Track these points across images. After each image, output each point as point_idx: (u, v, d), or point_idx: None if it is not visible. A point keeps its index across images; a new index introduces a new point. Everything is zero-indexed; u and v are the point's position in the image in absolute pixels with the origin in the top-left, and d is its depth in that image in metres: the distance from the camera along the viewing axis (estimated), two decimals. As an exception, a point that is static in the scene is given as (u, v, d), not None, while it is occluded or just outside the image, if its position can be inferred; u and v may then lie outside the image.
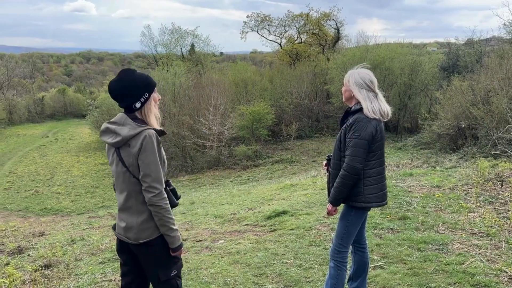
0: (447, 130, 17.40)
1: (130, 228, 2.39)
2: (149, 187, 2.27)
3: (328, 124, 29.12)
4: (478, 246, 3.93)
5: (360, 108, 2.79)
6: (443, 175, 8.57)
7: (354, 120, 2.77)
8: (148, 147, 2.27)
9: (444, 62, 28.13)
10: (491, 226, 4.53)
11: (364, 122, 2.73)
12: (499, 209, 5.29)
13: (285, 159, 21.82)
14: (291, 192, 9.06)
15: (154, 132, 2.33)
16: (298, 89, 29.70)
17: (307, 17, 37.96)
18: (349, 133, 2.75)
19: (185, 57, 38.86)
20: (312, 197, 7.50)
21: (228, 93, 26.70)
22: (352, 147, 2.72)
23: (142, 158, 2.27)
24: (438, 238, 4.20)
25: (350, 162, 2.72)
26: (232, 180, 18.93)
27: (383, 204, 2.92)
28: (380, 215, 5.52)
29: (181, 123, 24.11)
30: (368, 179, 2.81)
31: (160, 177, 2.30)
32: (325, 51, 36.55)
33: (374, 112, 2.77)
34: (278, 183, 14.47)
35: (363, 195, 2.81)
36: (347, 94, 2.90)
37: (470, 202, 5.76)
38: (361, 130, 2.72)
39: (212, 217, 7.30)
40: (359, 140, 2.71)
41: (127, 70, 2.40)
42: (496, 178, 7.12)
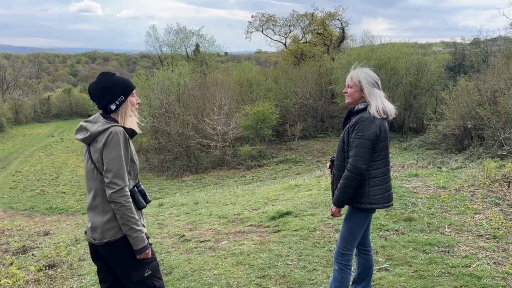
0: (453, 130, 17.27)
1: (95, 228, 2.36)
2: (110, 183, 2.24)
3: (333, 124, 29.02)
4: (484, 248, 3.88)
5: (364, 107, 2.75)
6: (449, 176, 8.49)
7: (357, 120, 2.72)
8: (112, 142, 2.26)
9: (450, 62, 27.96)
10: (498, 228, 4.47)
11: (368, 122, 2.69)
12: (506, 210, 5.22)
13: (290, 159, 21.78)
14: (296, 193, 9.02)
15: (122, 129, 2.33)
16: (302, 89, 29.63)
17: (312, 17, 37.86)
18: (353, 133, 2.71)
19: (190, 57, 38.89)
20: (316, 197, 7.46)
21: (232, 93, 26.69)
22: (355, 148, 2.68)
23: (105, 153, 2.26)
24: (444, 240, 4.15)
25: (354, 163, 2.68)
26: (236, 180, 18.92)
27: (389, 205, 2.86)
28: (385, 216, 5.47)
29: (186, 123, 24.13)
30: (373, 180, 2.76)
31: (122, 173, 2.26)
32: (330, 51, 36.44)
33: (383, 111, 2.74)
34: (283, 183, 14.42)
35: (368, 196, 2.76)
36: (357, 96, 2.82)
37: (476, 203, 5.69)
38: (364, 130, 2.67)
39: (216, 217, 7.28)
40: (362, 140, 2.67)
41: (106, 73, 2.45)
42: (503, 179, 7.04)
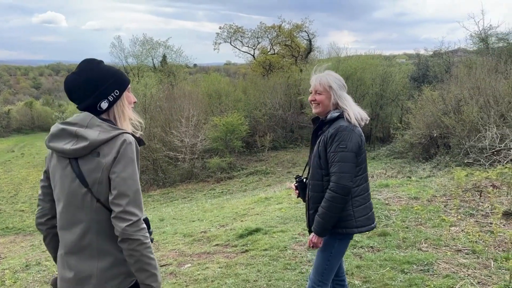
0: (419, 139, 17.47)
1: (87, 279, 1.68)
2: (123, 213, 1.60)
3: (302, 135, 29.02)
4: (465, 265, 3.64)
5: (339, 115, 2.41)
6: (419, 186, 8.37)
7: (336, 130, 2.34)
8: (127, 156, 1.65)
9: (414, 72, 28.63)
10: (475, 241, 4.27)
11: (349, 131, 2.32)
12: (481, 221, 5.06)
13: (260, 170, 21.47)
14: (265, 206, 8.67)
15: (132, 137, 1.72)
16: (272, 100, 29.55)
17: (279, 28, 38.11)
18: (332, 145, 2.32)
19: (157, 68, 38.18)
20: (287, 211, 7.14)
21: (201, 104, 26.25)
22: (339, 163, 2.30)
23: (117, 170, 1.63)
24: (422, 257, 3.89)
25: (339, 181, 2.28)
26: (205, 193, 18.40)
27: (374, 226, 2.51)
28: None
29: (152, 135, 23.44)
30: (357, 199, 2.40)
31: (139, 199, 1.67)
32: (298, 62, 36.68)
33: (361, 118, 2.41)
34: (252, 195, 14.06)
35: (354, 218, 2.39)
36: (328, 103, 2.45)
37: (450, 214, 5.52)
38: (347, 141, 2.30)
39: (181, 236, 6.83)
40: (346, 153, 2.30)
41: (91, 61, 1.78)
42: (474, 188, 6.95)
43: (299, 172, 18.12)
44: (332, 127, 2.39)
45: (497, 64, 18.60)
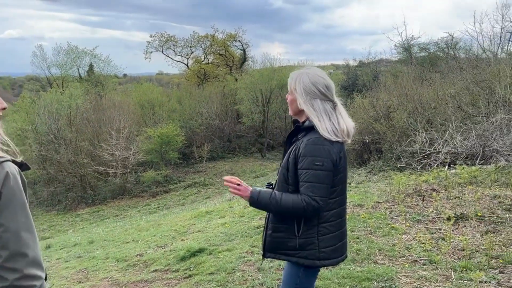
0: (352, 145, 17.90)
1: None
2: (24, 279, 1.17)
3: (240, 144, 28.80)
4: (426, 278, 3.46)
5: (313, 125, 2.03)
6: (361, 192, 8.36)
7: (311, 143, 1.95)
8: (15, 197, 1.20)
9: (344, 81, 29.70)
10: (430, 250, 4.14)
11: (325, 146, 1.95)
12: (429, 228, 5.00)
13: (198, 182, 20.80)
14: (207, 221, 8.16)
15: (15, 166, 1.26)
16: (208, 110, 29.04)
17: (213, 38, 37.84)
18: (304, 161, 1.94)
19: (83, 78, 35.99)
20: (231, 226, 6.70)
21: (132, 115, 25.01)
22: (310, 183, 1.91)
23: (3, 221, 1.18)
24: (381, 271, 3.66)
25: (312, 202, 1.90)
26: (140, 209, 17.37)
27: (342, 259, 2.14)
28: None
29: (79, 149, 21.85)
30: (325, 226, 2.02)
31: (39, 254, 1.25)
32: (232, 71, 36.58)
33: (333, 132, 1.99)
34: (192, 209, 13.43)
35: (318, 248, 2.00)
36: (295, 107, 2.10)
37: (398, 222, 5.43)
38: (323, 158, 1.92)
39: (114, 261, 6.13)
40: (322, 172, 1.92)
41: None
42: (415, 193, 7.02)
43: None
44: (307, 137, 1.99)
45: (421, 72, 19.76)
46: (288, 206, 1.94)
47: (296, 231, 2.01)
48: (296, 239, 2.01)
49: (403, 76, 19.64)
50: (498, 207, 5.52)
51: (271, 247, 2.11)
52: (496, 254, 3.83)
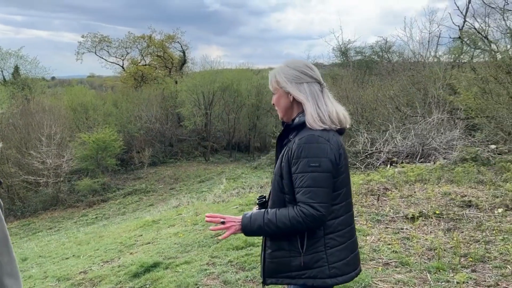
0: (298, 147, 18.09)
1: None
2: None
3: (182, 148, 28.04)
4: (404, 282, 3.35)
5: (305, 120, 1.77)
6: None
7: (303, 141, 1.68)
8: None
9: (285, 83, 30.08)
10: (398, 251, 4.07)
11: (321, 144, 1.67)
12: (391, 227, 4.97)
13: (139, 189, 19.85)
14: (156, 231, 7.65)
15: None
16: (147, 113, 27.95)
17: (150, 39, 36.60)
18: (298, 163, 1.67)
19: (8, 81, 33.12)
20: (185, 236, 6.29)
21: (64, 119, 23.40)
22: (307, 188, 1.64)
23: None
24: (357, 278, 3.49)
25: (311, 210, 1.63)
26: (76, 221, 16.16)
27: (357, 273, 1.87)
28: (273, 252, 4.67)
29: (5, 158, 19.94)
30: (332, 237, 1.74)
31: None
32: (172, 73, 35.62)
33: (319, 119, 1.72)
34: (135, 218, 12.70)
35: (327, 265, 1.72)
36: (286, 103, 1.82)
37: (359, 222, 5.36)
38: (319, 157, 1.65)
39: (54, 280, 5.49)
40: (319, 174, 1.65)
41: None
42: (369, 192, 7.06)
43: (183, 188, 16.95)
44: (299, 135, 1.72)
45: (358, 75, 20.46)
46: (286, 224, 1.67)
47: (300, 247, 1.72)
48: (300, 256, 1.72)
49: (342, 79, 20.21)
50: (452, 204, 5.66)
51: (271, 270, 1.80)
52: (464, 252, 3.83)
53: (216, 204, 9.79)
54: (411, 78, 15.78)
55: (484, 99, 8.96)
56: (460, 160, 9.81)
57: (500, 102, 8.17)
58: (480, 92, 9.10)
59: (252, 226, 1.72)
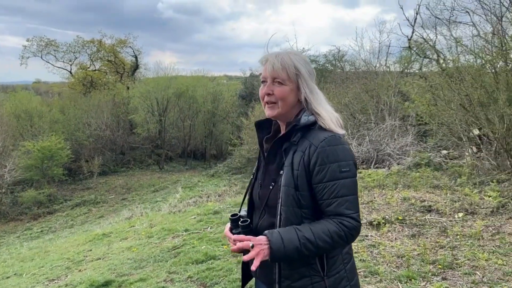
0: (255, 154, 17.96)
1: None
2: None
3: (135, 157, 27.05)
4: (378, 293, 3.21)
5: (316, 119, 1.51)
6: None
7: (327, 144, 1.44)
8: None
9: (242, 91, 29.99)
10: (366, 260, 3.95)
11: (346, 145, 1.47)
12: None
13: (88, 200, 18.82)
14: (107, 246, 7.14)
15: None
16: (97, 120, 26.75)
17: (100, 43, 35.25)
18: (325, 170, 1.42)
19: None
20: (139, 250, 5.87)
21: (6, 127, 21.86)
22: (342, 197, 1.40)
23: None
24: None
25: (353, 223, 1.40)
26: (19, 235, 15.02)
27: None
28: (236, 265, 4.41)
29: None
30: (347, 251, 1.54)
31: None
32: (123, 79, 34.47)
33: (339, 123, 1.52)
34: (84, 232, 11.94)
35: (348, 284, 1.51)
36: (293, 99, 1.53)
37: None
38: (347, 160, 1.44)
39: (-10, 305, 4.91)
40: (351, 179, 1.43)
41: None
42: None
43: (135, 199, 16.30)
44: (311, 138, 1.48)
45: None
46: (328, 243, 1.39)
47: (321, 269, 1.47)
48: (322, 280, 1.47)
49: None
50: (413, 209, 5.67)
51: None
52: (432, 259, 3.77)
53: (172, 214, 9.37)
54: (365, 86, 16.14)
55: (437, 106, 9.23)
56: (414, 166, 10.04)
57: (452, 108, 8.42)
58: (433, 99, 9.37)
59: (286, 249, 1.37)
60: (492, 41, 10.52)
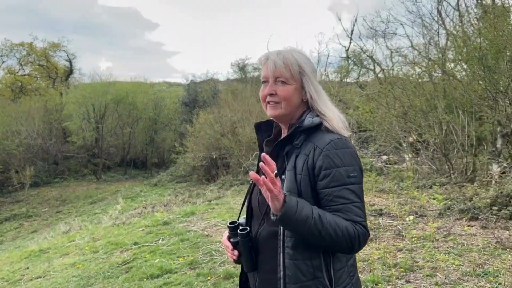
0: (200, 161, 17.68)
1: None
2: None
3: (69, 166, 25.47)
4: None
5: (321, 121, 1.41)
6: (227, 209, 8.02)
7: (333, 147, 1.34)
8: None
9: (185, 97, 29.48)
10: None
11: (352, 149, 1.38)
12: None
13: (19, 214, 17.35)
14: (47, 262, 6.56)
15: None
16: (27, 128, 24.87)
17: (30, 46, 33.03)
18: (332, 175, 1.32)
19: None
20: (85, 266, 5.46)
21: None
22: (351, 203, 1.30)
23: None
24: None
25: (364, 230, 1.31)
26: None
27: None
28: (195, 278, 4.22)
29: None
30: (352, 263, 1.46)
31: None
32: (56, 84, 32.50)
33: (345, 125, 1.45)
34: (16, 248, 10.96)
35: None
36: (296, 100, 1.44)
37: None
38: (354, 165, 1.35)
39: None
40: (358, 185, 1.34)
41: None
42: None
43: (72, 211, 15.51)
44: (317, 140, 1.38)
45: (256, 90, 20.93)
46: (336, 233, 1.26)
47: (328, 283, 1.36)
48: None
49: (242, 93, 20.45)
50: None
51: None
52: (393, 263, 3.85)
53: (116, 227, 8.86)
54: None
55: (379, 113, 9.65)
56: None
57: (393, 115, 8.84)
58: (376, 107, 9.79)
59: (298, 213, 1.24)
60: (425, 52, 11.28)
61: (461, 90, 7.25)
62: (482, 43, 6.61)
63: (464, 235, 4.40)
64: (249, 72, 27.29)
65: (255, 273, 1.48)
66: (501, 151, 6.71)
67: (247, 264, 1.45)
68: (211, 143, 17.46)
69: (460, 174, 7.17)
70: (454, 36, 9.93)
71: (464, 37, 7.93)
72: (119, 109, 26.21)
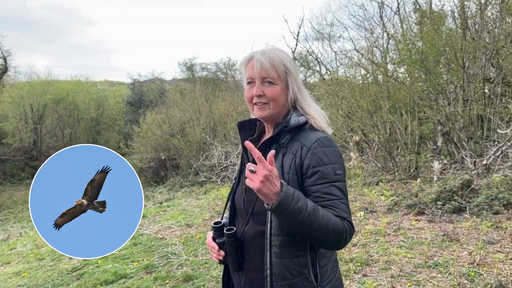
0: (148, 163, 17.26)
1: None
2: None
3: (5, 170, 23.77)
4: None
5: (306, 120, 1.43)
6: (180, 211, 7.90)
7: (320, 145, 1.36)
8: None
9: (130, 97, 28.55)
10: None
11: (337, 148, 1.41)
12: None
13: None
14: (-15, 275, 6.09)
15: None
16: (-45, 129, 22.96)
17: (-43, 41, 30.45)
18: (320, 172, 1.34)
19: None
20: (32, 275, 5.14)
21: None
22: (337, 200, 1.33)
23: None
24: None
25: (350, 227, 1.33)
26: None
27: None
28: (153, 282, 4.13)
29: None
30: (335, 259, 1.49)
31: None
32: (-12, 83, 30.22)
33: (327, 121, 1.49)
34: None
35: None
36: (283, 100, 1.46)
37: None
38: (340, 163, 1.38)
39: None
40: (343, 183, 1.38)
41: None
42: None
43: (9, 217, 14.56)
44: (303, 138, 1.40)
45: (205, 90, 20.78)
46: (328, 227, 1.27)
47: (314, 279, 1.38)
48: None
49: (190, 93, 20.23)
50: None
51: None
52: (349, 258, 3.99)
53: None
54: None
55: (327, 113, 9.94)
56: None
57: (341, 115, 9.16)
58: (323, 107, 10.08)
59: (293, 203, 1.23)
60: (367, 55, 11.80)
61: (404, 92, 7.67)
62: (423, 47, 7.04)
63: (413, 229, 4.66)
64: (197, 72, 27.03)
65: (240, 272, 1.48)
66: (441, 149, 7.18)
67: (234, 264, 1.45)
68: (159, 144, 17.08)
69: (404, 171, 7.58)
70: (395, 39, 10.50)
71: (407, 41, 8.40)
72: (59, 109, 24.90)
